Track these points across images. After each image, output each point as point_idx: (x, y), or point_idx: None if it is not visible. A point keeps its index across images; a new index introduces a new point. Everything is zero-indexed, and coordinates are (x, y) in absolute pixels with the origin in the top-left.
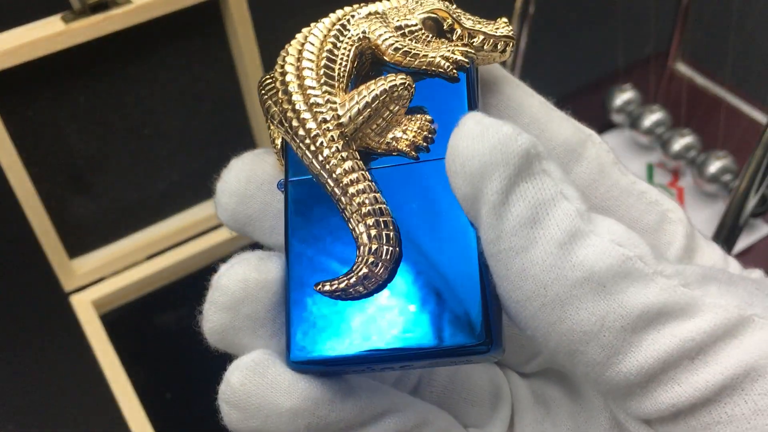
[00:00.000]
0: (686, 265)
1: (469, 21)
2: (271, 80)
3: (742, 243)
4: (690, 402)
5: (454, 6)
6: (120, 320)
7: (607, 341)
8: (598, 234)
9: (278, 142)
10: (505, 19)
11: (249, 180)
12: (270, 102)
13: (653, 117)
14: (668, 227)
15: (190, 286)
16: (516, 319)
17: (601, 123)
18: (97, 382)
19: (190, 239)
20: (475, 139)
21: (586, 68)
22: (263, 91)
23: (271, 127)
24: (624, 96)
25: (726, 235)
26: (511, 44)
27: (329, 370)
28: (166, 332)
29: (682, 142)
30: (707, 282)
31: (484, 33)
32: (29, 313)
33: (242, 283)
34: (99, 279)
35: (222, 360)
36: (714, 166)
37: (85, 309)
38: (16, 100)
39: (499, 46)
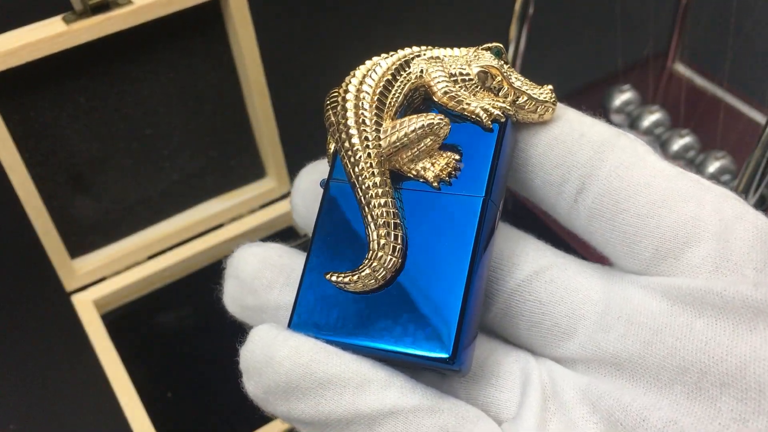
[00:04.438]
0: None
1: (517, 81)
2: (335, 95)
3: None
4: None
5: (508, 65)
6: (121, 320)
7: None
8: None
9: (331, 147)
10: (551, 87)
11: (307, 179)
12: (330, 113)
13: (652, 117)
14: (713, 199)
15: (192, 285)
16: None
17: None
18: (98, 382)
19: (192, 239)
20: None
21: (585, 69)
22: (328, 102)
23: (329, 136)
24: (623, 96)
25: None
26: (551, 110)
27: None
28: (168, 332)
29: (681, 142)
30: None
31: (528, 95)
32: (30, 312)
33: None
34: (100, 279)
35: (222, 360)
36: (713, 167)
37: (86, 309)
38: (17, 100)
39: (539, 110)
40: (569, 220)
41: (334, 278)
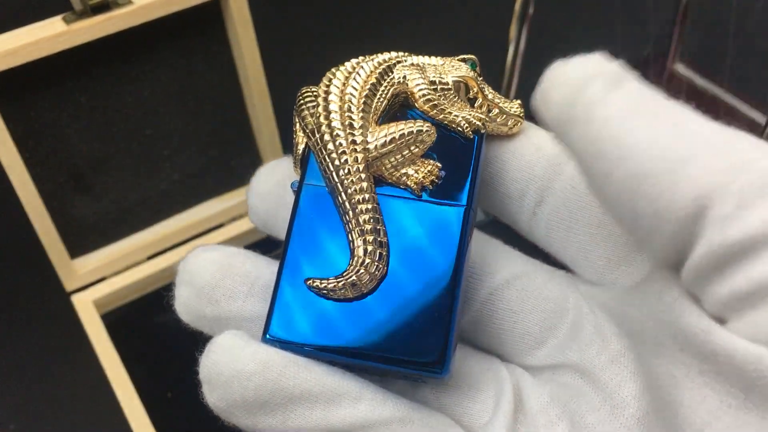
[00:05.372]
0: None
1: (490, 94)
2: (310, 94)
3: None
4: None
5: (481, 78)
6: (121, 320)
7: (734, 191)
8: None
9: (300, 148)
10: (519, 101)
11: (267, 180)
12: (307, 113)
13: None
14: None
15: None
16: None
17: None
18: (98, 382)
19: (191, 239)
20: (579, 60)
21: None
22: (301, 101)
23: (298, 134)
24: None
25: None
26: (520, 123)
27: (299, 353)
28: (168, 332)
29: None
30: None
31: (500, 108)
32: (30, 312)
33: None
34: (100, 279)
35: None
36: None
37: (86, 309)
38: (17, 100)
39: (510, 123)
40: (530, 231)
41: (316, 284)
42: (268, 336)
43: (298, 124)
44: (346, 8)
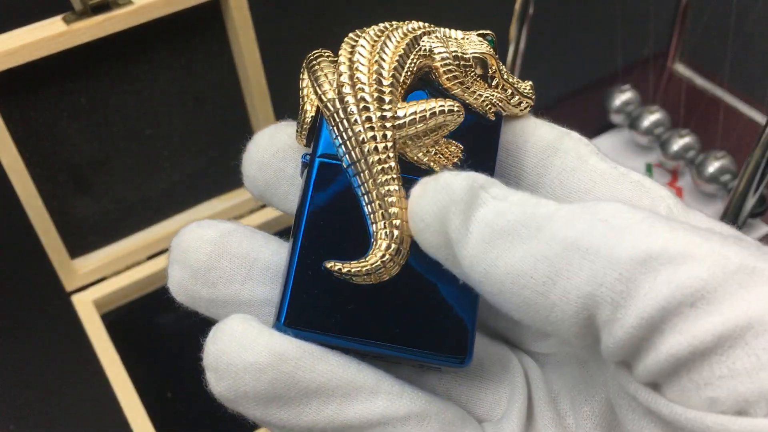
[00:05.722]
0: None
1: (505, 73)
2: (325, 58)
3: None
4: (689, 351)
5: (497, 56)
6: (121, 320)
7: (607, 295)
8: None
9: (309, 116)
10: (530, 83)
11: (266, 149)
12: (325, 79)
13: (652, 117)
14: (650, 203)
15: None
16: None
17: (601, 123)
18: (98, 382)
19: None
20: (423, 195)
21: (585, 69)
22: (315, 64)
23: (307, 99)
24: (623, 97)
25: None
26: (530, 105)
27: (313, 340)
28: (167, 331)
29: (681, 142)
30: (708, 233)
31: (514, 88)
32: (31, 312)
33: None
34: (100, 279)
35: None
36: (713, 167)
37: (86, 308)
38: (17, 100)
39: (523, 104)
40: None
41: (337, 268)
42: (282, 323)
43: (307, 89)
44: (345, 8)
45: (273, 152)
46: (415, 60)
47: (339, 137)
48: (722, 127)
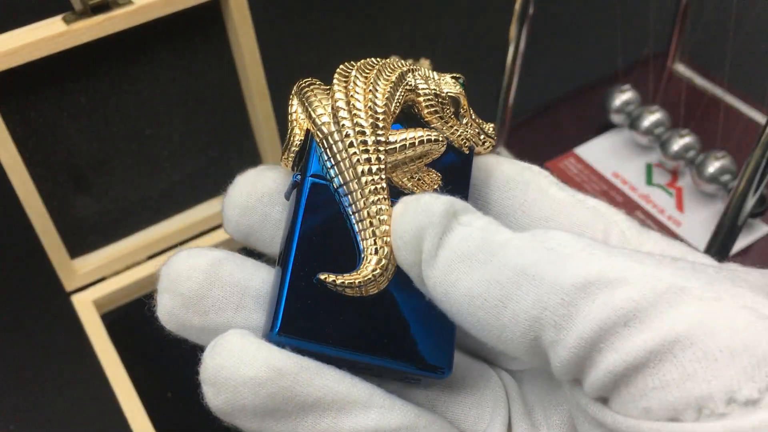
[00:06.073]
0: (619, 247)
1: (473, 114)
2: (318, 86)
3: (741, 243)
4: (624, 367)
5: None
6: (121, 320)
7: (551, 318)
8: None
9: (297, 140)
10: (492, 124)
11: (250, 194)
12: (319, 104)
13: (652, 117)
14: (603, 228)
15: None
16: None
17: (601, 123)
18: (98, 382)
19: (191, 239)
20: (404, 214)
21: (585, 69)
22: (308, 91)
23: (296, 124)
24: (623, 97)
25: (724, 235)
26: (492, 145)
27: (306, 350)
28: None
29: (681, 142)
30: (644, 256)
31: (480, 128)
32: (30, 312)
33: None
34: (100, 279)
35: None
36: (713, 167)
37: (86, 308)
38: (17, 100)
39: (486, 143)
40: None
41: (330, 279)
42: (275, 333)
43: (296, 114)
44: (346, 8)
45: (258, 197)
46: (402, 93)
47: (331, 158)
48: (722, 127)
